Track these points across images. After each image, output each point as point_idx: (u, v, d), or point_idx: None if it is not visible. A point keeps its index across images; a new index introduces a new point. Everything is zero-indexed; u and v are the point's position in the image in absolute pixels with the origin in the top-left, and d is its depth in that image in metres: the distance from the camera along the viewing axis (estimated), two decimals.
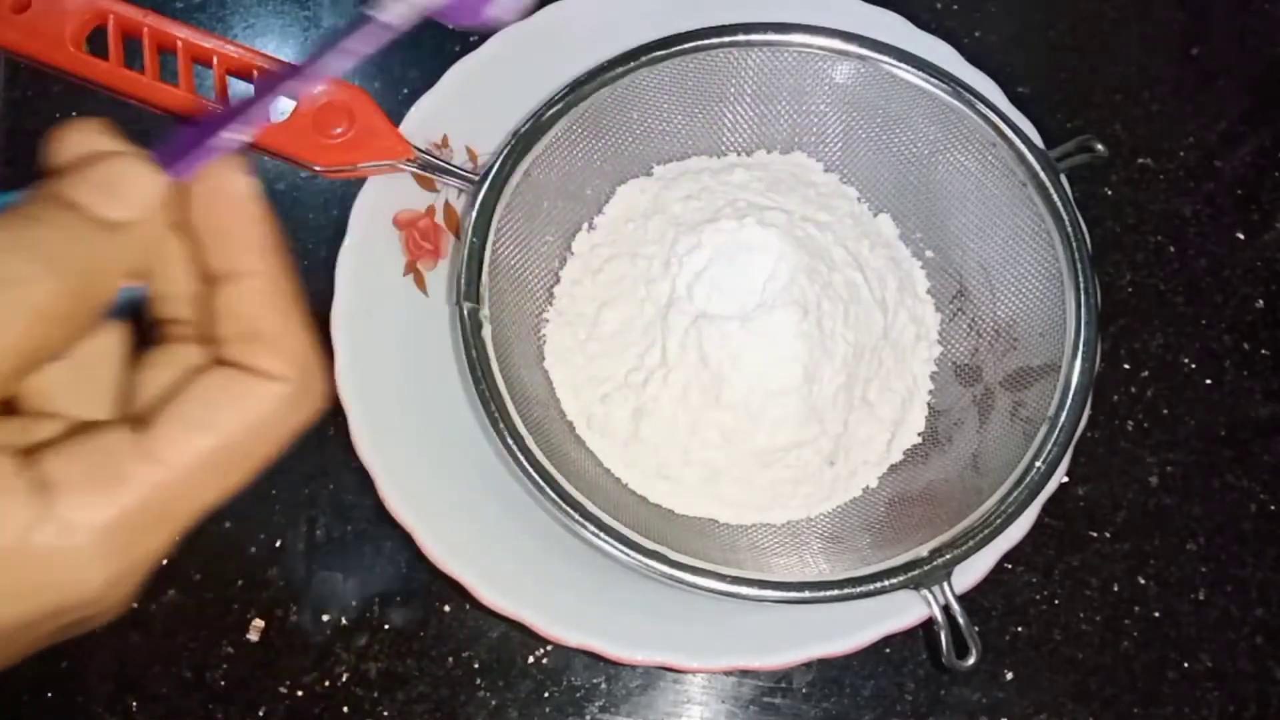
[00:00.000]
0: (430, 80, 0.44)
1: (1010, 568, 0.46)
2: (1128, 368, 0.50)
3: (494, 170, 0.41)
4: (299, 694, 0.43)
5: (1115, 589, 0.46)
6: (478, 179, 0.41)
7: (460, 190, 0.44)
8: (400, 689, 0.43)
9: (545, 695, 0.43)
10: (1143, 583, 0.46)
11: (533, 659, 0.44)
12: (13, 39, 0.40)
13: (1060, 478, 0.40)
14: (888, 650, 0.44)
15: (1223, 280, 0.52)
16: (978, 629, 0.36)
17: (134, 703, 0.43)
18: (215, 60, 0.41)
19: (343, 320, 0.41)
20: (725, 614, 0.39)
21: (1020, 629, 0.45)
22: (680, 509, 0.42)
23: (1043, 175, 0.41)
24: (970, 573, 0.39)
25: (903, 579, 0.37)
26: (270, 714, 0.43)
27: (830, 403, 0.41)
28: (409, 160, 0.41)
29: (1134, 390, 0.49)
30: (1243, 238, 0.52)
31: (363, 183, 0.43)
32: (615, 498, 0.41)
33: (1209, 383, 0.50)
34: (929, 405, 0.44)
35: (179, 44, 0.40)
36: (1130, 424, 0.49)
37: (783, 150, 0.47)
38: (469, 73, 0.45)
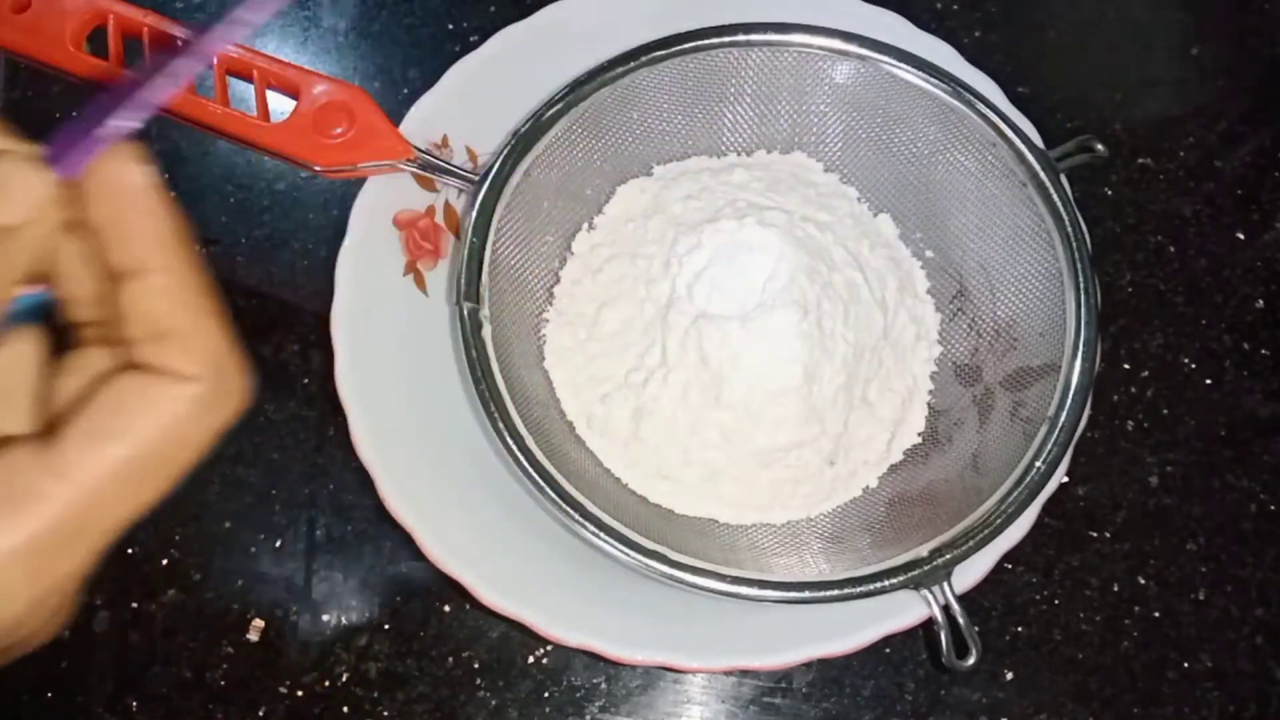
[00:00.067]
0: (430, 80, 0.45)
1: (1010, 568, 0.46)
2: (1128, 368, 0.50)
3: (494, 170, 0.41)
4: (299, 694, 0.43)
5: (1115, 589, 0.46)
6: (478, 179, 0.41)
7: (460, 190, 0.44)
8: (400, 689, 0.43)
9: (545, 695, 0.43)
10: (1143, 583, 0.46)
11: (533, 659, 0.44)
12: (13, 39, 0.40)
13: (1060, 478, 0.40)
14: (888, 650, 0.44)
15: (1223, 280, 0.52)
16: (978, 629, 0.36)
17: (134, 703, 0.43)
18: (215, 60, 0.41)
19: (343, 320, 0.41)
20: (725, 614, 0.39)
21: (1020, 629, 0.45)
22: (680, 509, 0.42)
23: (1043, 175, 0.41)
24: (970, 573, 0.39)
25: (903, 579, 0.37)
26: (270, 714, 0.43)
27: (830, 403, 0.41)
28: (409, 160, 0.41)
29: (1134, 390, 0.49)
30: (1243, 238, 0.52)
31: (363, 183, 0.43)
32: (615, 498, 0.41)
33: (1209, 383, 0.50)
34: (929, 405, 0.44)
35: (179, 44, 0.40)
36: (1130, 424, 0.49)
37: (783, 150, 0.47)
38: (469, 73, 0.45)
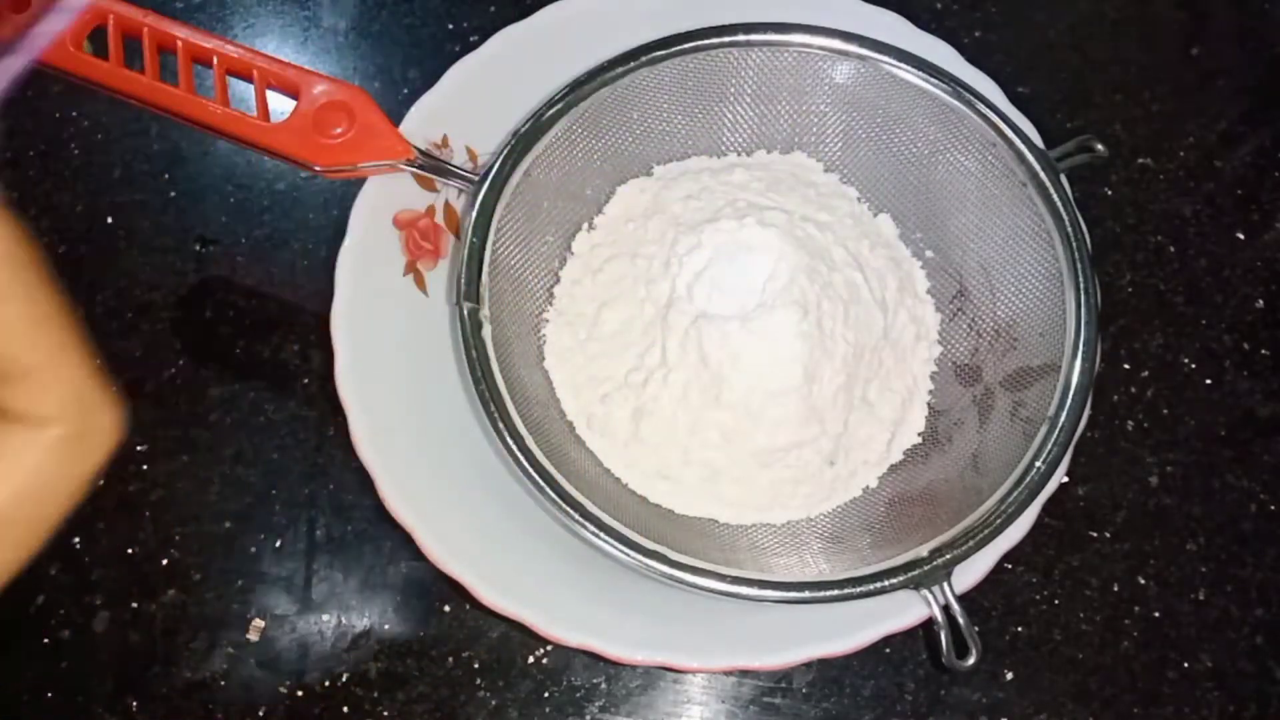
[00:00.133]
0: (430, 80, 0.45)
1: (1010, 568, 0.46)
2: (1128, 368, 0.50)
3: (494, 170, 0.41)
4: (299, 694, 0.43)
5: (1115, 589, 0.46)
6: (478, 179, 0.41)
7: (460, 190, 0.44)
8: (400, 689, 0.43)
9: (545, 695, 0.43)
10: (1143, 583, 0.46)
11: (533, 659, 0.44)
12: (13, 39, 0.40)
13: (1060, 478, 0.40)
14: (888, 650, 0.44)
15: (1223, 280, 0.52)
16: (978, 629, 0.36)
17: (134, 703, 0.43)
18: (215, 60, 0.41)
19: (343, 320, 0.41)
20: (725, 614, 0.39)
21: (1020, 629, 0.45)
22: (680, 509, 0.42)
23: (1043, 175, 0.41)
24: (970, 573, 0.39)
25: (903, 579, 0.37)
26: (270, 714, 0.43)
27: (830, 403, 0.41)
28: (409, 160, 0.41)
29: (1134, 390, 0.49)
30: (1243, 238, 0.52)
31: (363, 183, 0.43)
32: (615, 498, 0.41)
33: (1209, 383, 0.50)
34: (929, 405, 0.44)
35: (179, 44, 0.40)
36: (1130, 424, 0.49)
37: (783, 150, 0.47)
38: (469, 73, 0.45)
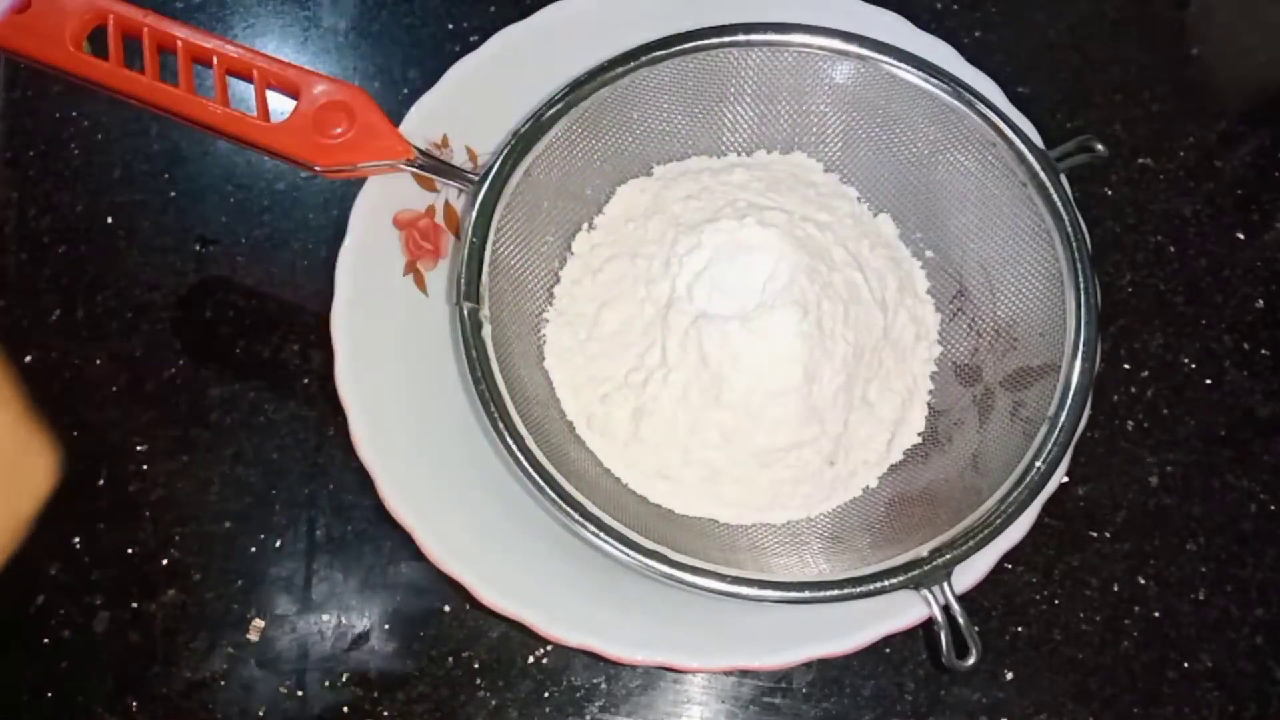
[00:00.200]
0: (430, 80, 0.45)
1: (1010, 568, 0.46)
2: (1128, 368, 0.50)
3: (494, 170, 0.41)
4: (299, 694, 0.43)
5: (1115, 589, 0.46)
6: (478, 179, 0.41)
7: (460, 190, 0.43)
8: (400, 689, 0.43)
9: (545, 695, 0.43)
10: (1143, 583, 0.46)
11: (533, 659, 0.44)
12: (13, 39, 0.40)
13: (1060, 478, 0.40)
14: (888, 650, 0.44)
15: (1223, 280, 0.52)
16: (978, 629, 0.36)
17: (134, 703, 0.43)
18: (215, 60, 0.41)
19: (343, 320, 0.41)
20: (725, 614, 0.39)
21: (1020, 629, 0.45)
22: (680, 509, 0.42)
23: (1043, 175, 0.41)
24: (970, 573, 0.39)
25: (903, 579, 0.37)
26: (270, 714, 0.43)
27: (830, 403, 0.41)
28: (409, 160, 0.41)
29: (1134, 390, 0.49)
30: (1243, 238, 0.52)
31: (363, 183, 0.43)
32: (615, 498, 0.41)
33: (1209, 383, 0.50)
34: (929, 405, 0.44)
35: (179, 44, 0.40)
36: (1130, 424, 0.49)
37: (783, 150, 0.47)
38: (469, 73, 0.45)
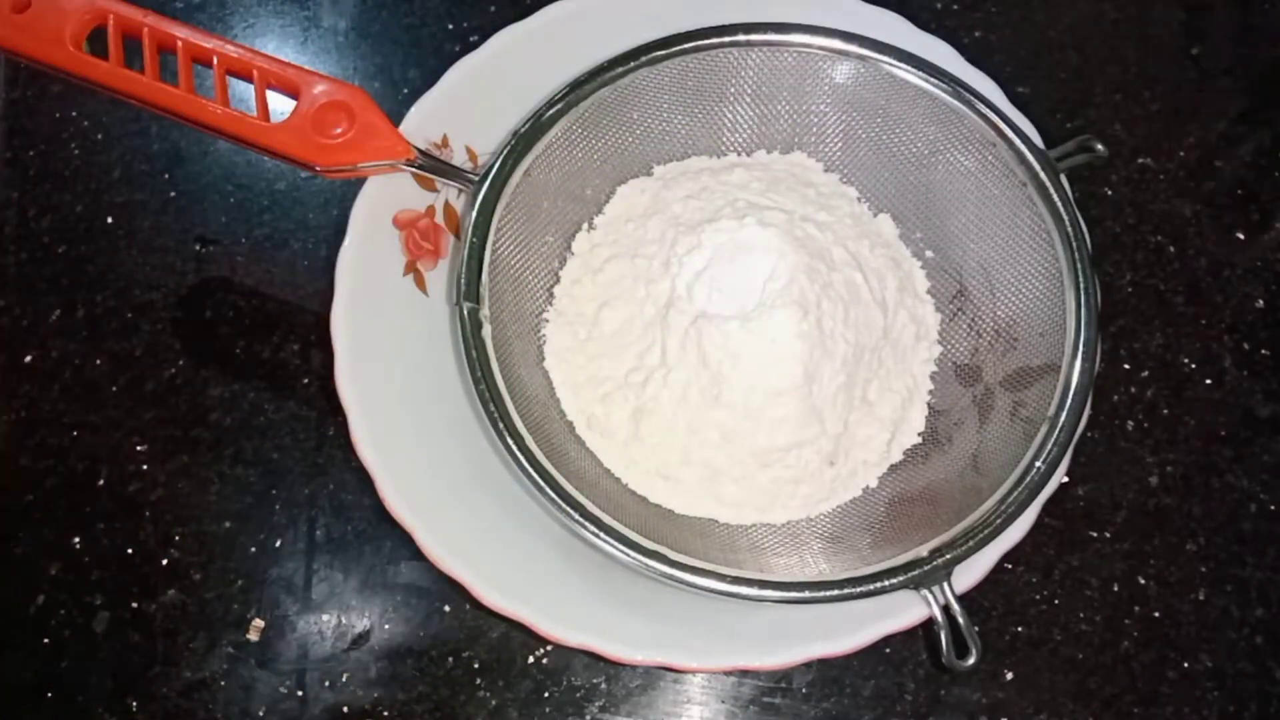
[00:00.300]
0: (430, 80, 0.45)
1: (1010, 568, 0.46)
2: (1128, 368, 0.50)
3: (494, 170, 0.41)
4: (299, 694, 0.43)
5: (1115, 589, 0.46)
6: (478, 179, 0.41)
7: (460, 190, 0.44)
8: (400, 689, 0.43)
9: (545, 695, 0.43)
10: (1143, 583, 0.46)
11: (533, 659, 0.44)
12: (13, 39, 0.40)
13: (1060, 478, 0.40)
14: (888, 650, 0.44)
15: (1223, 280, 0.52)
16: (978, 629, 0.36)
17: (134, 703, 0.43)
18: (215, 60, 0.41)
19: (343, 320, 0.41)
20: (725, 614, 0.39)
21: (1020, 629, 0.45)
22: (680, 509, 0.42)
23: (1043, 175, 0.41)
24: (970, 573, 0.39)
25: (903, 579, 0.37)
26: (270, 714, 0.43)
27: (830, 403, 0.41)
28: (409, 160, 0.41)
29: (1134, 390, 0.49)
30: (1243, 238, 0.52)
31: (363, 183, 0.43)
32: (615, 498, 0.41)
33: (1209, 383, 0.50)
34: (929, 405, 0.44)
35: (179, 44, 0.40)
36: (1130, 424, 0.49)
37: (783, 150, 0.47)
38: (469, 73, 0.45)
